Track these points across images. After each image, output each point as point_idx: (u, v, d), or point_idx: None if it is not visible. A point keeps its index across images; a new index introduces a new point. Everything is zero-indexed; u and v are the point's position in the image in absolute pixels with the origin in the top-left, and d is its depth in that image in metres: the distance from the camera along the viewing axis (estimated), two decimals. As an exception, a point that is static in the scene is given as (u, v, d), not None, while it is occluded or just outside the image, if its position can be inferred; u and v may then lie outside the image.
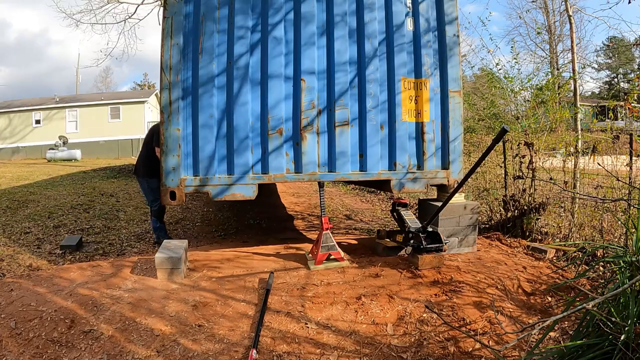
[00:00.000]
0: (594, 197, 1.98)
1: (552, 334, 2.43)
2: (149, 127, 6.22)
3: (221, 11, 3.40)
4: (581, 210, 4.22)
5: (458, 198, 3.92)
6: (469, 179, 5.74)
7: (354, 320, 2.61)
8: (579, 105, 5.16)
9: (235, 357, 2.26)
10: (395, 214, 3.71)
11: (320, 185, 3.67)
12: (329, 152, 3.66)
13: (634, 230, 2.15)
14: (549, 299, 2.90)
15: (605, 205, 3.77)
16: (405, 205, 3.71)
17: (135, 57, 30.40)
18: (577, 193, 1.60)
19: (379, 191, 8.29)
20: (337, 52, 3.62)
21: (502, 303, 2.85)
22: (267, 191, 8.17)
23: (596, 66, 29.80)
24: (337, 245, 3.48)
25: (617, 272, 2.08)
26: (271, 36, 3.50)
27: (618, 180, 3.34)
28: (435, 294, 2.92)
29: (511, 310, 2.78)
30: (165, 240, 3.53)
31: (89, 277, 3.16)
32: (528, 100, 5.61)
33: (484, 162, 5.37)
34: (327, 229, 3.47)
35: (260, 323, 2.51)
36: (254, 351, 2.24)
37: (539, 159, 4.51)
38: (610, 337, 1.73)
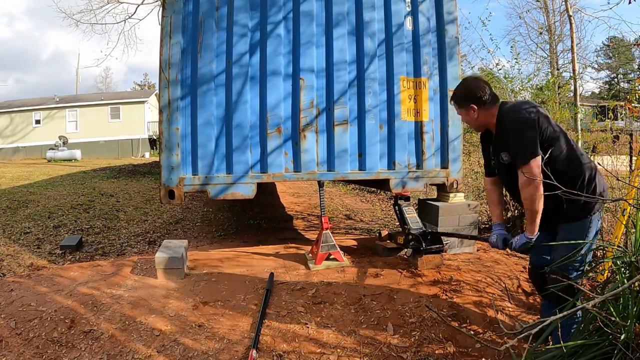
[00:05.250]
0: (593, 197, 1.98)
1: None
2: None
3: (221, 10, 3.40)
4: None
5: (458, 198, 3.92)
6: (470, 179, 5.75)
7: (354, 320, 2.61)
8: (579, 105, 5.16)
9: (236, 356, 2.26)
10: (396, 207, 3.66)
11: (320, 184, 3.67)
12: (328, 151, 3.65)
13: (633, 230, 2.15)
14: (549, 298, 2.90)
15: (605, 205, 3.77)
16: (407, 199, 3.65)
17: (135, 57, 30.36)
18: (577, 192, 1.60)
19: (379, 191, 8.29)
20: (337, 51, 3.62)
21: (502, 303, 2.85)
22: (267, 191, 8.17)
23: (596, 66, 29.83)
24: (337, 245, 3.48)
25: (617, 272, 2.08)
26: (271, 35, 3.50)
27: (618, 180, 3.34)
28: (436, 294, 2.93)
29: (511, 309, 2.78)
30: (165, 240, 3.54)
31: (89, 276, 3.16)
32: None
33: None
34: (327, 228, 3.46)
35: (260, 322, 2.51)
36: (254, 351, 2.24)
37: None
38: (610, 337, 1.73)
